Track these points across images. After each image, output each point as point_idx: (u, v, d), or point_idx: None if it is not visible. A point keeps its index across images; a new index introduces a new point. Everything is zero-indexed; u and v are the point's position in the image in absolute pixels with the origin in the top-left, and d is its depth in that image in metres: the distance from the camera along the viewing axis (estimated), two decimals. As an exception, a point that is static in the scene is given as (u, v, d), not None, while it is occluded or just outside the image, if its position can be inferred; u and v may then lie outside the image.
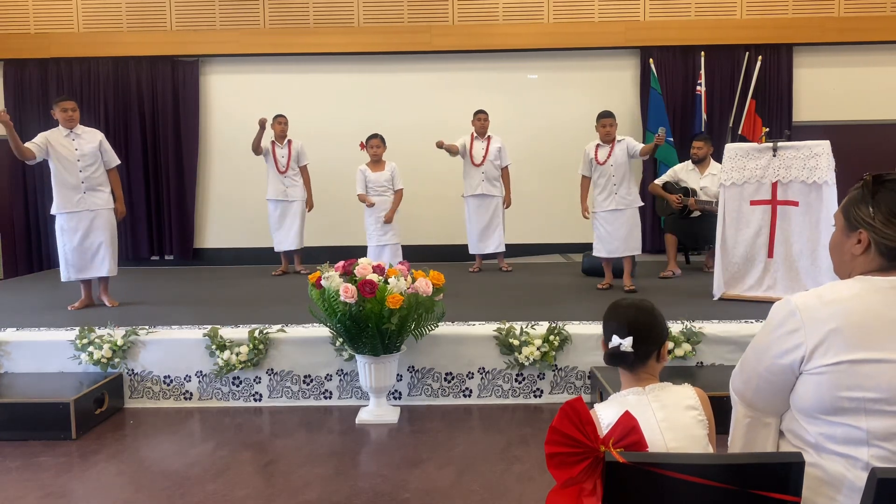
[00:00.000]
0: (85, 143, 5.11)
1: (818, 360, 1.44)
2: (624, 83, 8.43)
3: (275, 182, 6.93)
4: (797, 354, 1.47)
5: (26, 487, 3.00)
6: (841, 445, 1.43)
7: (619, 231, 5.57)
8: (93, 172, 5.10)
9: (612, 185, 5.56)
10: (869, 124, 8.25)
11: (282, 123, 6.89)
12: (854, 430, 1.41)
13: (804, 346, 1.46)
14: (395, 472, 3.11)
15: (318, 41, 8.27)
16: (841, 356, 1.41)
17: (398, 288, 3.60)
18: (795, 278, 4.84)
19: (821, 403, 1.44)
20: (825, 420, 1.45)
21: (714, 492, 1.35)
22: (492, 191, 6.81)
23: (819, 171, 4.75)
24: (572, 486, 1.42)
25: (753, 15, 8.17)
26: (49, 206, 5.01)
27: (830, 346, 1.43)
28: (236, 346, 4.07)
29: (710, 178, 6.44)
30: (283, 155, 6.89)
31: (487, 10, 8.26)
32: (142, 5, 8.31)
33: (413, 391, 4.12)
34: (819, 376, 1.44)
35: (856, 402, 1.40)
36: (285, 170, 6.88)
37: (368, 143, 6.24)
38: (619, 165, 5.54)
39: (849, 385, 1.40)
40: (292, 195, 6.93)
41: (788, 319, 1.49)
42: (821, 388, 1.44)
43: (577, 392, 4.11)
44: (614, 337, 1.63)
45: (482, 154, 6.77)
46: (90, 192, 5.09)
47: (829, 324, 1.44)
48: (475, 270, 6.98)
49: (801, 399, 1.50)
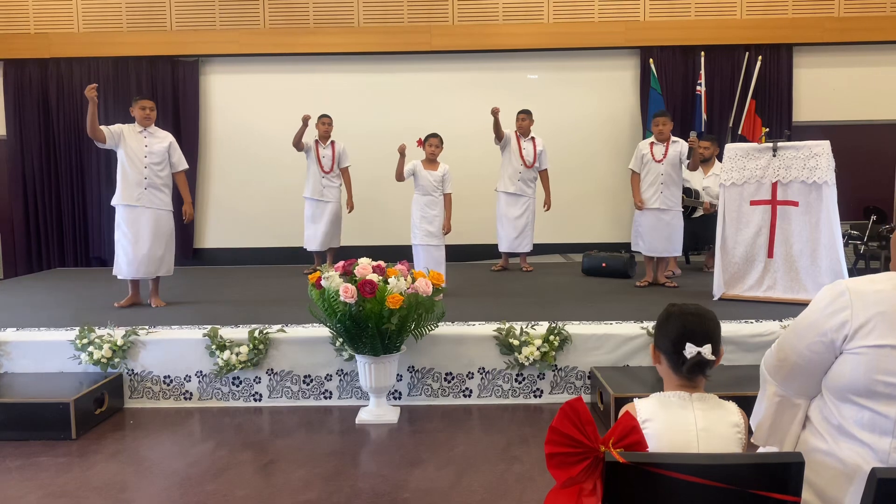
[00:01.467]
0: (155, 143, 5.15)
1: (860, 339, 1.47)
2: (624, 83, 8.43)
3: (314, 181, 6.86)
4: (842, 333, 1.50)
5: (26, 487, 3.00)
6: (865, 432, 1.45)
7: (664, 230, 5.63)
8: (158, 172, 5.14)
9: (660, 183, 5.60)
10: (869, 124, 8.25)
11: (326, 124, 6.84)
12: (881, 417, 1.43)
13: (849, 324, 1.49)
14: (395, 472, 3.11)
15: (318, 41, 8.27)
16: (883, 339, 1.44)
17: (398, 288, 3.60)
18: (795, 278, 4.84)
19: (855, 384, 1.47)
20: (855, 402, 1.48)
21: (714, 492, 1.35)
22: (525, 191, 6.81)
23: (819, 171, 4.75)
24: (572, 486, 1.42)
25: (753, 15, 8.18)
26: (50, 206, 5.02)
27: (875, 327, 1.46)
28: (236, 346, 4.07)
29: (712, 178, 6.45)
30: (326, 156, 6.84)
31: (487, 10, 8.26)
32: (142, 5, 8.31)
33: (413, 391, 4.12)
34: (858, 356, 1.47)
35: (890, 388, 1.43)
36: (329, 170, 6.84)
37: (427, 141, 5.97)
38: (674, 166, 5.61)
39: (887, 369, 1.43)
40: (329, 196, 6.87)
41: (837, 299, 1.53)
42: (858, 368, 1.47)
43: (577, 392, 4.11)
44: (688, 345, 1.61)
45: (532, 155, 6.76)
46: (151, 189, 5.11)
47: (877, 307, 1.47)
48: (498, 269, 6.97)
49: (836, 377, 1.52)
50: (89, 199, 8.45)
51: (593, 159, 8.45)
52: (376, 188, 7.79)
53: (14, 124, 8.38)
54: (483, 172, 7.51)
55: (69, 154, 8.41)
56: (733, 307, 4.67)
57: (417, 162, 5.89)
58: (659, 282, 5.79)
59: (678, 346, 1.62)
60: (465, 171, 7.05)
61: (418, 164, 5.88)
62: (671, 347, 1.64)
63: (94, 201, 8.41)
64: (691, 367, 1.62)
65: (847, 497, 1.45)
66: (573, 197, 8.18)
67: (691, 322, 1.66)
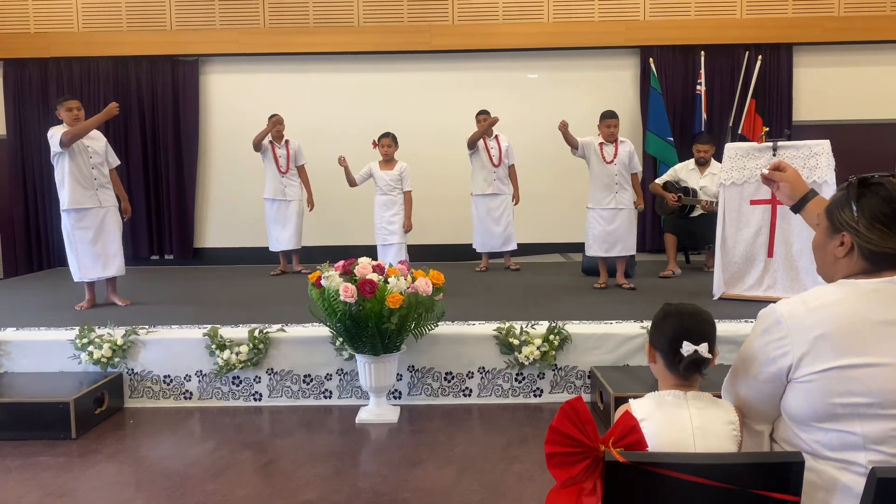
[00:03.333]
0: (94, 142, 5.15)
1: (806, 367, 1.43)
2: (624, 83, 8.43)
3: (273, 181, 6.94)
4: (784, 363, 1.46)
5: (26, 487, 3.00)
6: (837, 452, 1.42)
7: (618, 230, 5.62)
8: (102, 170, 5.16)
9: (615, 184, 5.60)
10: (869, 124, 8.25)
11: (278, 123, 6.88)
12: (849, 435, 1.40)
13: (791, 354, 1.45)
14: (395, 472, 3.11)
15: (318, 41, 8.27)
16: (829, 363, 1.40)
17: (398, 287, 3.60)
18: (795, 278, 4.84)
19: (813, 411, 1.43)
20: (819, 427, 1.44)
21: (714, 492, 1.35)
22: (502, 189, 6.84)
23: (819, 170, 4.75)
24: (572, 486, 1.42)
25: (753, 15, 8.17)
26: (50, 205, 5.00)
27: (818, 353, 1.41)
28: (236, 345, 4.07)
29: (710, 178, 6.45)
30: (282, 155, 6.90)
31: (487, 10, 8.26)
32: (142, 5, 8.31)
33: (413, 391, 4.12)
34: (809, 384, 1.43)
35: (849, 408, 1.38)
36: (286, 170, 6.89)
37: (380, 141, 6.13)
38: (623, 166, 5.61)
39: (840, 391, 1.39)
40: (290, 195, 6.94)
41: (774, 327, 1.48)
42: (811, 395, 1.42)
43: (577, 392, 4.11)
44: (686, 344, 1.61)
45: (498, 154, 6.79)
46: (101, 189, 5.12)
47: (815, 330, 1.42)
48: (483, 269, 6.98)
49: (792, 408, 1.48)
50: (89, 199, 8.44)
51: (593, 159, 8.45)
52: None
53: (14, 124, 8.38)
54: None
55: (69, 154, 8.41)
56: (733, 307, 4.67)
57: (373, 164, 6.04)
58: (623, 285, 5.66)
59: (675, 344, 1.63)
60: (465, 171, 7.05)
61: (374, 166, 6.06)
62: (668, 346, 1.65)
63: (94, 201, 8.41)
64: (688, 366, 1.63)
65: None
66: (573, 197, 8.15)
67: (688, 321, 1.66)
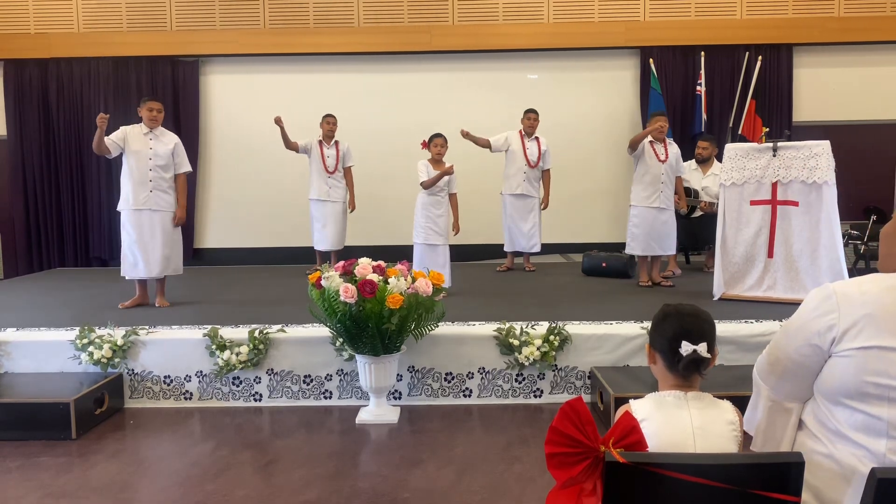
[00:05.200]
0: (161, 145, 5.13)
1: (849, 342, 1.48)
2: (624, 83, 8.43)
3: (318, 182, 6.81)
4: (829, 336, 1.52)
5: (26, 487, 3.00)
6: (860, 434, 1.46)
7: (661, 228, 5.67)
8: (163, 174, 5.11)
9: (660, 182, 5.64)
10: (869, 124, 8.25)
11: (330, 123, 6.79)
12: (874, 420, 1.44)
13: (837, 327, 1.50)
14: (395, 472, 3.11)
15: (318, 41, 8.27)
16: (871, 341, 1.45)
17: (398, 288, 3.60)
18: (795, 278, 4.84)
19: (845, 386, 1.48)
20: (847, 405, 1.48)
21: (714, 492, 1.35)
22: (531, 191, 6.77)
23: (819, 171, 4.75)
24: (572, 486, 1.42)
25: (753, 15, 8.17)
26: (50, 206, 5.00)
27: (862, 329, 1.47)
28: (236, 346, 4.07)
29: (712, 178, 6.47)
30: (330, 155, 6.80)
31: (487, 10, 8.26)
32: (142, 5, 8.31)
33: (413, 391, 4.12)
34: (848, 359, 1.48)
35: (880, 389, 1.43)
36: (333, 170, 6.78)
37: (432, 141, 5.93)
38: (671, 167, 5.67)
39: (876, 370, 1.44)
40: (335, 196, 6.82)
41: (824, 302, 1.55)
42: (848, 370, 1.48)
43: (577, 392, 4.11)
44: (685, 343, 1.62)
45: (536, 155, 6.73)
46: (157, 191, 5.09)
47: (864, 309, 1.48)
48: (504, 269, 6.96)
49: (827, 381, 1.53)
50: (89, 199, 8.44)
51: (593, 159, 8.45)
52: (376, 187, 7.79)
53: (14, 124, 8.38)
54: (483, 171, 7.48)
55: (69, 154, 8.41)
56: (733, 307, 4.67)
57: (426, 162, 5.81)
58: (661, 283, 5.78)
59: (674, 344, 1.64)
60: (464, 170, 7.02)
61: (429, 165, 5.80)
62: (667, 346, 1.66)
63: (95, 201, 8.40)
64: (687, 365, 1.64)
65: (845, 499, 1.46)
66: (573, 197, 8.18)
67: (687, 321, 1.67)
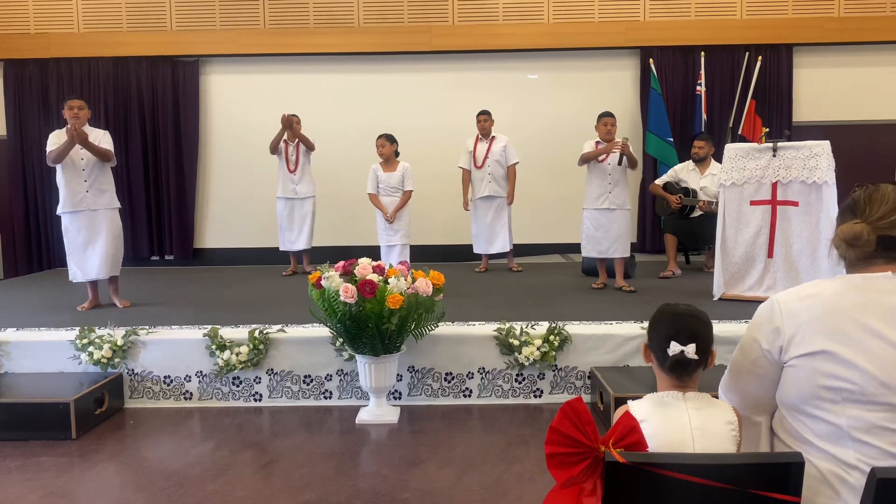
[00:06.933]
0: None
1: (794, 350, 1.51)
2: (624, 83, 8.43)
3: (284, 180, 6.92)
4: (776, 345, 1.55)
5: (26, 487, 3.00)
6: (826, 443, 1.46)
7: (610, 232, 5.60)
8: (98, 173, 5.05)
9: (608, 183, 5.60)
10: (869, 124, 8.25)
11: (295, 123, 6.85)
12: (833, 427, 1.45)
13: (782, 336, 1.53)
14: (395, 472, 3.11)
15: (318, 41, 8.27)
16: (813, 346, 1.48)
17: (398, 288, 3.60)
18: (795, 278, 4.83)
19: (802, 395, 1.50)
20: (810, 414, 1.49)
21: (714, 492, 1.35)
22: (498, 191, 6.77)
23: (819, 171, 4.75)
24: (572, 486, 1.42)
25: (753, 15, 8.17)
26: (51, 205, 4.97)
27: (804, 337, 1.50)
28: (236, 346, 4.07)
29: (710, 178, 6.46)
30: (292, 153, 6.87)
31: (487, 10, 8.26)
32: (142, 5, 8.31)
33: (413, 391, 4.12)
34: (797, 368, 1.50)
35: (832, 393, 1.44)
36: (294, 169, 6.86)
37: (375, 142, 6.17)
38: (616, 166, 5.58)
39: (825, 373, 1.45)
40: (302, 192, 6.91)
41: (768, 314, 1.58)
42: (800, 378, 1.50)
43: (577, 392, 4.11)
44: (673, 343, 1.61)
45: (483, 156, 6.74)
46: (94, 191, 5.05)
47: (804, 315, 1.51)
48: (482, 270, 6.97)
49: (786, 392, 1.55)
50: (89, 199, 8.44)
51: (593, 159, 8.45)
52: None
53: (14, 124, 8.38)
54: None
55: (69, 154, 8.41)
56: (733, 307, 4.67)
57: (375, 166, 6.00)
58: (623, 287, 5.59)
59: (664, 344, 1.64)
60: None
61: (377, 169, 6.00)
62: (659, 345, 1.66)
63: (94, 201, 8.41)
64: (672, 365, 1.64)
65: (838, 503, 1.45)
66: (573, 197, 8.14)
67: (679, 321, 1.67)
